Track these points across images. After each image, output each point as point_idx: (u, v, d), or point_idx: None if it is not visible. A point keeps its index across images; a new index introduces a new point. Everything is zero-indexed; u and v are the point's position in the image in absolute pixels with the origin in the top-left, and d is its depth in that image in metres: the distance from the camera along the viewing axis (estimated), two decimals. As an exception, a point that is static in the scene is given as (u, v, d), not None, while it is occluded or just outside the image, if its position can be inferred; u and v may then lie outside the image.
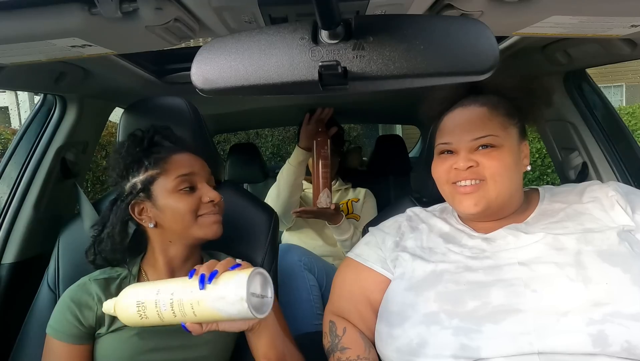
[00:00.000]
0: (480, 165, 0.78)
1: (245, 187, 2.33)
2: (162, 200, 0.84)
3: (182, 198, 0.83)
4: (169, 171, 0.84)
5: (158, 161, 0.84)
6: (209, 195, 0.85)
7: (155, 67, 1.43)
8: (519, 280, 0.70)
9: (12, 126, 6.73)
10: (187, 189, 0.84)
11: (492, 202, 0.79)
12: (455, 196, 0.82)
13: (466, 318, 0.70)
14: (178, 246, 0.87)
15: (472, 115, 0.82)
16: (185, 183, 0.84)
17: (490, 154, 0.78)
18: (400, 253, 0.84)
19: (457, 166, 0.80)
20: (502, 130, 0.80)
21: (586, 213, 0.78)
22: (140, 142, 0.87)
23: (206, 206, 0.85)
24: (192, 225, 0.84)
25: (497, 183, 0.78)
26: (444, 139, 0.84)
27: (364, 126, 6.11)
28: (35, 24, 0.61)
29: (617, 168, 1.21)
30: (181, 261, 0.88)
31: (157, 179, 0.84)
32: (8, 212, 1.14)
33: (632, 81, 9.52)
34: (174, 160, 0.85)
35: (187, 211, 0.83)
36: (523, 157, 0.83)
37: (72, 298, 0.82)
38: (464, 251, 0.79)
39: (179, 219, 0.83)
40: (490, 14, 0.65)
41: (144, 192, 0.84)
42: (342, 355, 0.82)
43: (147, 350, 0.82)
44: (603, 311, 0.64)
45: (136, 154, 0.86)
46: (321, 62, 0.48)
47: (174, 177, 0.83)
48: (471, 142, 0.79)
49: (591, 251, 0.70)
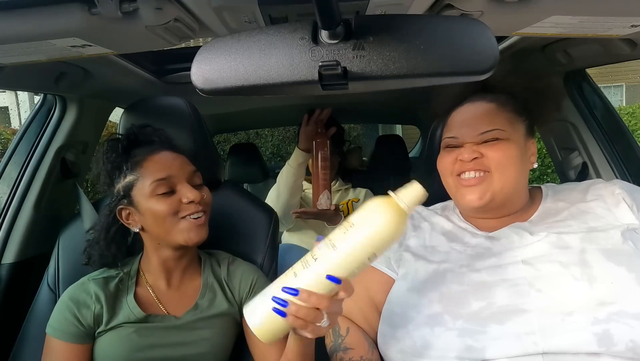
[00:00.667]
0: (485, 156, 0.78)
1: (245, 187, 2.33)
2: (143, 205, 0.82)
3: (160, 201, 0.81)
4: (145, 176, 0.82)
5: (135, 166, 0.83)
6: (187, 196, 0.82)
7: (155, 67, 1.43)
8: (523, 280, 0.70)
9: (12, 126, 6.73)
10: (166, 193, 0.82)
11: (497, 194, 0.78)
12: (459, 189, 0.81)
13: (471, 319, 0.69)
14: (167, 248, 0.86)
15: (479, 110, 0.82)
16: (162, 187, 0.81)
17: (496, 146, 0.78)
18: (403, 253, 0.84)
19: (462, 158, 0.79)
20: (509, 125, 0.80)
21: (590, 211, 0.77)
22: (116, 147, 0.86)
23: (187, 207, 0.83)
24: (174, 228, 0.82)
25: (502, 175, 0.77)
26: (450, 133, 0.84)
27: (364, 126, 6.11)
28: (35, 24, 0.61)
29: (617, 168, 1.21)
30: (175, 261, 0.88)
31: (135, 185, 0.82)
32: (8, 212, 1.14)
33: (632, 81, 9.52)
34: (150, 163, 0.83)
35: (167, 213, 0.81)
36: (530, 154, 0.83)
37: (70, 298, 0.83)
38: (467, 250, 0.79)
39: (161, 223, 0.82)
40: (490, 14, 0.65)
41: (126, 198, 0.84)
42: (345, 355, 0.81)
43: (146, 346, 0.82)
44: (608, 310, 0.64)
45: (114, 160, 0.85)
46: (321, 62, 0.48)
47: (150, 182, 0.81)
48: (477, 136, 0.80)
49: (595, 249, 0.70)
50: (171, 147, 0.88)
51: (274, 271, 1.07)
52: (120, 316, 0.83)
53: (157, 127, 0.92)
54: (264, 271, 1.03)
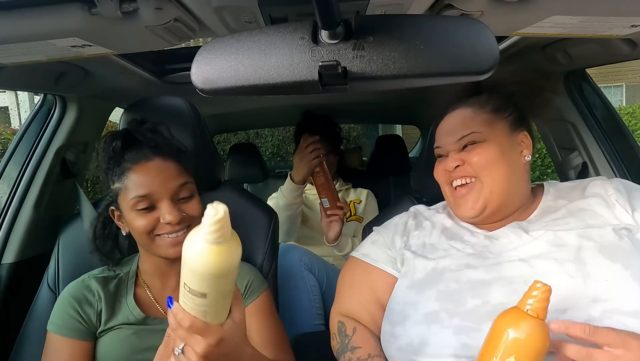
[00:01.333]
0: (466, 163, 0.81)
1: (245, 187, 2.33)
2: (125, 214, 0.81)
3: (138, 217, 0.79)
4: (128, 189, 0.79)
5: (122, 174, 0.80)
6: (165, 217, 0.78)
7: (155, 67, 1.43)
8: (520, 278, 0.70)
9: (12, 126, 6.74)
10: (145, 210, 0.79)
11: (488, 199, 0.79)
12: (454, 200, 0.84)
13: (467, 317, 0.70)
14: (156, 255, 0.84)
15: (456, 118, 0.86)
16: (142, 203, 0.78)
17: (474, 150, 0.81)
18: (405, 252, 0.85)
19: (447, 167, 0.83)
20: (486, 126, 0.81)
21: (588, 208, 0.77)
22: (110, 146, 0.83)
23: (164, 226, 0.79)
24: (152, 244, 0.81)
25: (487, 178, 0.79)
26: (436, 143, 0.89)
27: (364, 126, 6.11)
28: (35, 24, 0.61)
29: (617, 168, 1.21)
30: (168, 266, 0.87)
31: (120, 194, 0.81)
32: (8, 212, 1.14)
33: (632, 81, 9.53)
34: (135, 175, 0.79)
35: (143, 231, 0.79)
36: (522, 148, 0.83)
37: (71, 294, 0.83)
38: (466, 248, 0.80)
39: (138, 237, 0.81)
40: (490, 14, 0.65)
41: (115, 202, 0.84)
42: (353, 355, 0.81)
43: (145, 348, 0.82)
44: (602, 307, 0.64)
45: (107, 160, 0.83)
46: (321, 62, 0.48)
47: (130, 196, 0.79)
48: (456, 143, 0.83)
49: (592, 246, 0.70)
50: (165, 153, 0.83)
51: (274, 271, 1.07)
52: (119, 316, 0.83)
53: (158, 125, 0.89)
54: (263, 271, 1.03)
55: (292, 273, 1.42)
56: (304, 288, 1.41)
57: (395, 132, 5.09)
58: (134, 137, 0.84)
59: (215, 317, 0.59)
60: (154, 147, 0.83)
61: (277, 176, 2.47)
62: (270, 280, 1.04)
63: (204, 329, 0.57)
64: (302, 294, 1.40)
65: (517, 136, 0.83)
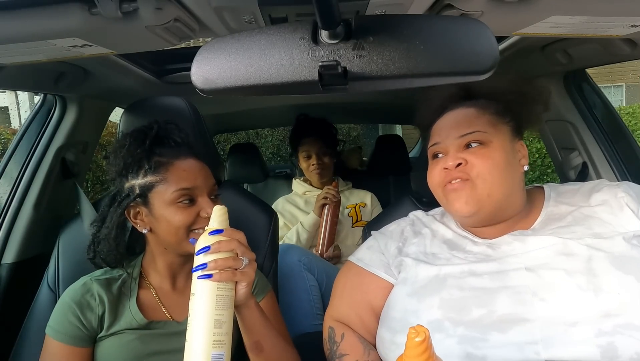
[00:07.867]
0: (469, 163, 0.77)
1: (245, 187, 2.33)
2: (159, 210, 0.79)
3: (179, 211, 0.79)
4: (170, 182, 0.79)
5: (159, 167, 0.80)
6: (207, 211, 0.78)
7: (155, 67, 1.43)
8: (527, 288, 0.68)
9: (12, 126, 6.72)
10: (187, 202, 0.79)
11: (484, 201, 0.76)
12: (448, 197, 0.80)
13: (471, 327, 0.68)
14: (174, 254, 0.84)
15: (459, 115, 0.82)
16: (186, 196, 0.79)
17: (479, 152, 0.77)
18: (404, 259, 0.82)
19: (447, 166, 0.78)
20: (491, 127, 0.78)
21: (595, 216, 0.75)
22: (142, 142, 0.81)
23: (203, 220, 0.80)
24: (185, 239, 0.80)
25: (487, 181, 0.75)
26: (433, 140, 0.84)
27: (364, 126, 6.10)
28: (35, 24, 0.61)
29: (617, 168, 1.21)
30: (180, 265, 0.87)
31: (156, 187, 0.79)
32: (8, 212, 1.14)
33: (632, 81, 9.53)
34: (177, 169, 0.80)
35: (182, 225, 0.79)
36: (520, 157, 0.81)
37: (72, 299, 0.81)
38: (469, 257, 0.77)
39: (173, 232, 0.80)
40: (490, 14, 0.65)
41: (141, 197, 0.80)
42: None
43: (147, 353, 0.81)
44: (614, 322, 0.62)
45: (137, 155, 0.81)
46: (321, 62, 0.48)
47: (174, 189, 0.78)
48: (459, 139, 0.79)
49: (602, 257, 0.67)
50: (196, 155, 0.84)
51: (274, 271, 1.07)
52: (122, 321, 0.82)
53: (182, 128, 0.89)
54: (264, 271, 1.03)
55: (291, 273, 1.42)
56: (303, 288, 1.41)
57: (395, 132, 5.08)
58: (165, 134, 0.85)
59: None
60: (189, 147, 0.86)
61: (277, 176, 2.47)
62: (271, 280, 1.04)
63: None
64: (301, 295, 1.40)
65: (517, 144, 0.82)
